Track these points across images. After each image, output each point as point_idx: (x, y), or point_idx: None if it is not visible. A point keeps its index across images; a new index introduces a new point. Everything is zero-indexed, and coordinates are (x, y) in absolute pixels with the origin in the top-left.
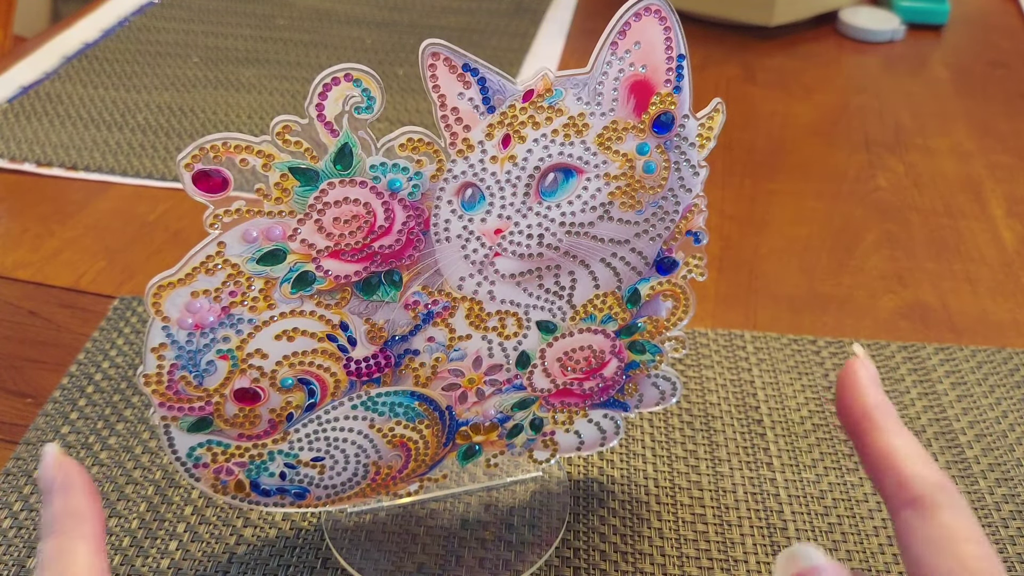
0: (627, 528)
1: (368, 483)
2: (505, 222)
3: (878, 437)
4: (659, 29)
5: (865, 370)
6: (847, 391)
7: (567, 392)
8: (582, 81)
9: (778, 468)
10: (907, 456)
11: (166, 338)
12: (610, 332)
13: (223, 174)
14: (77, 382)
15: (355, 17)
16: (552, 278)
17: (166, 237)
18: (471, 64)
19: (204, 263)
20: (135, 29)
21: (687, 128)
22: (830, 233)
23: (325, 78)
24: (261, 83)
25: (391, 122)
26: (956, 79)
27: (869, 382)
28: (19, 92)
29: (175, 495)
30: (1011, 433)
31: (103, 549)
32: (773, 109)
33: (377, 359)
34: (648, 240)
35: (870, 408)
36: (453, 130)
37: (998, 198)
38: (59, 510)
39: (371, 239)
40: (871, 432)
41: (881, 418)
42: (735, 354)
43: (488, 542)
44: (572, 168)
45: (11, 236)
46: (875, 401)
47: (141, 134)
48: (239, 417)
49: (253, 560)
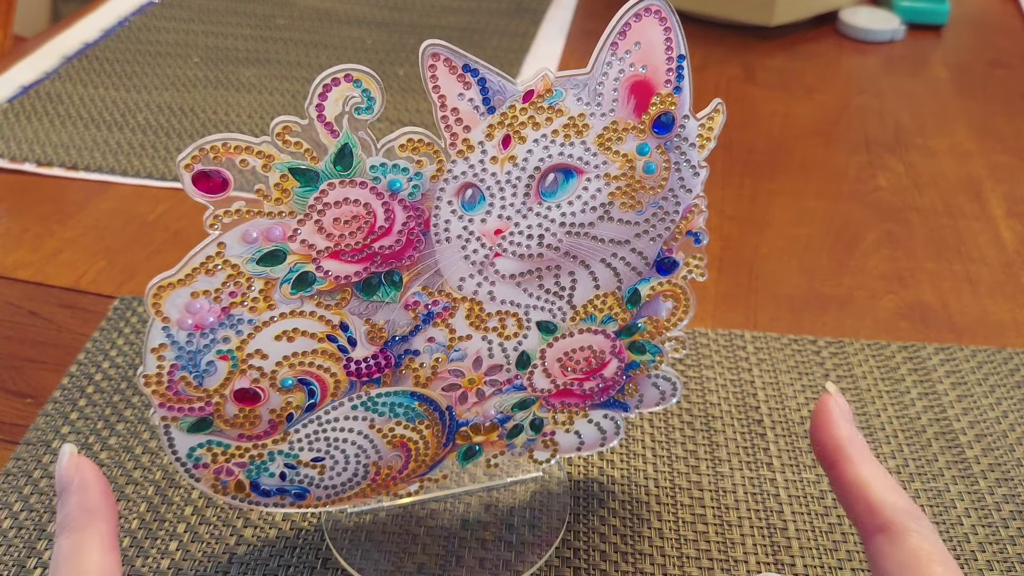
0: (627, 528)
1: (368, 483)
2: (505, 223)
3: (849, 468)
4: (659, 29)
5: (837, 406)
6: (821, 426)
7: (567, 392)
8: (582, 82)
9: (778, 468)
10: (878, 485)
11: (166, 339)
12: (610, 332)
13: (223, 175)
14: (77, 382)
15: (355, 17)
16: (552, 278)
17: (166, 237)
18: (471, 65)
19: (204, 264)
20: (135, 29)
21: (687, 128)
22: (830, 233)
23: (325, 79)
24: (261, 83)
25: (391, 122)
26: (956, 79)
27: (841, 417)
28: (19, 92)
29: (175, 495)
30: (1011, 433)
31: (116, 547)
32: (773, 109)
33: (377, 359)
34: (648, 240)
35: (843, 441)
36: (453, 131)
37: (998, 198)
38: (75, 508)
39: (371, 240)
40: (843, 463)
41: (853, 450)
42: (735, 354)
43: (488, 542)
44: (572, 168)
45: (11, 236)
46: (847, 435)
47: (141, 134)
48: (239, 417)
49: (253, 560)
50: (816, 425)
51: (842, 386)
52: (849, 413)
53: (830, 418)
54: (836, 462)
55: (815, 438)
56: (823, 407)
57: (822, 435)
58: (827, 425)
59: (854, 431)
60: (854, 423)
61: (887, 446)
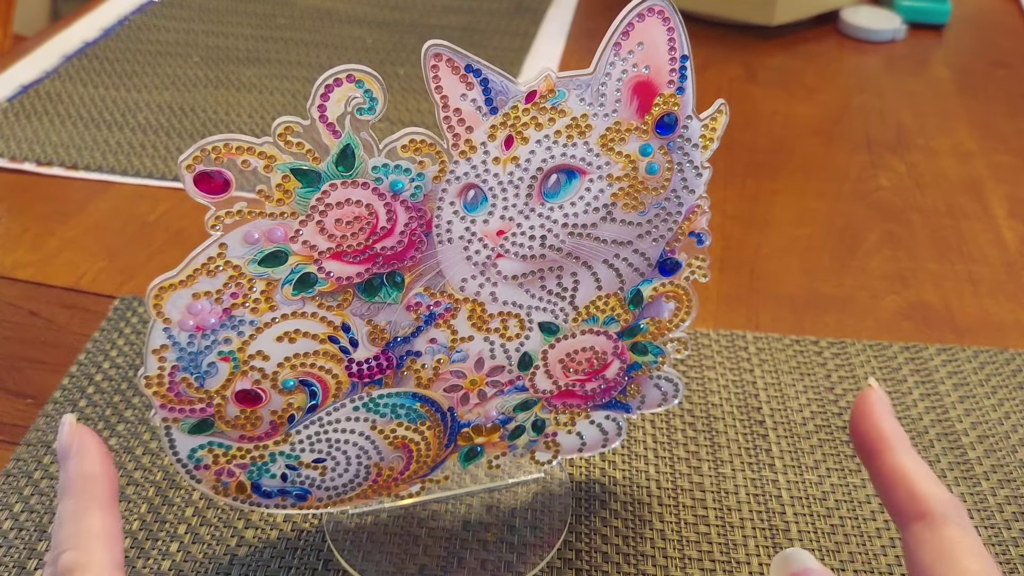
0: (629, 530)
1: (370, 484)
2: (507, 223)
3: (891, 457)
4: (662, 30)
5: (880, 400)
6: (863, 417)
7: (569, 393)
8: (585, 82)
9: (780, 469)
10: (920, 475)
11: (167, 340)
12: (612, 333)
13: (224, 175)
14: (77, 383)
15: (356, 17)
16: (554, 279)
17: (167, 237)
18: (473, 65)
19: (205, 265)
20: (135, 28)
21: (690, 129)
22: (832, 233)
23: (327, 79)
24: (262, 83)
25: (393, 122)
26: (957, 79)
27: (884, 409)
28: (19, 91)
29: (176, 496)
30: (1014, 435)
31: (116, 509)
32: (774, 109)
33: (379, 360)
34: (651, 241)
35: (886, 432)
36: (455, 131)
37: (1000, 198)
38: (74, 473)
39: (373, 240)
40: (885, 452)
41: (896, 441)
42: (737, 355)
43: (490, 543)
44: (575, 169)
45: (11, 236)
46: (890, 426)
47: (141, 134)
48: (240, 419)
49: (254, 561)
50: (858, 415)
51: (843, 387)
52: (890, 406)
53: (873, 409)
54: (879, 451)
55: (856, 428)
56: (866, 399)
57: (864, 425)
58: (870, 415)
59: (898, 426)
60: (894, 416)
61: None
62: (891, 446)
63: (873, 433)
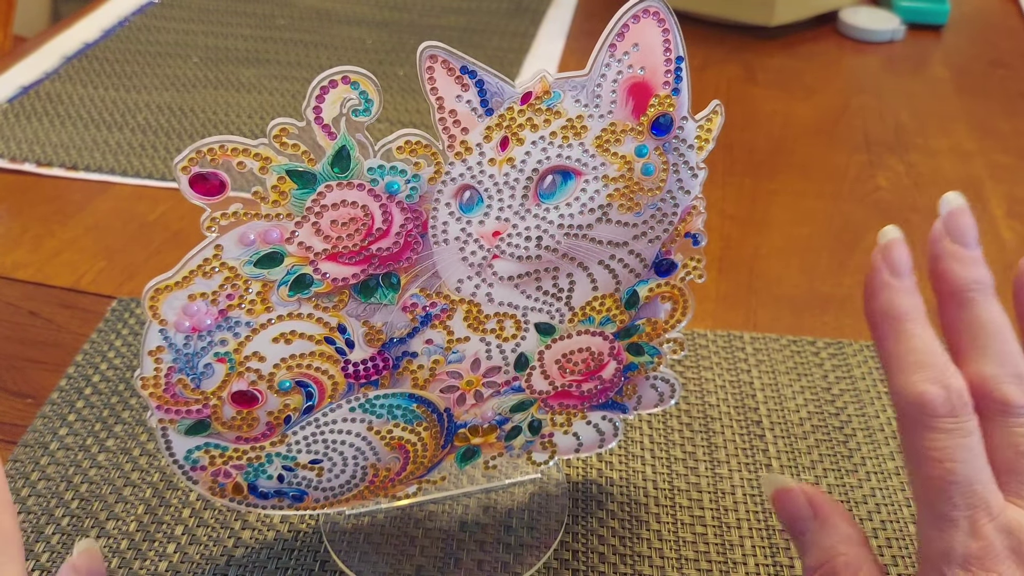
0: (626, 530)
1: (366, 485)
2: (503, 224)
3: None
4: (658, 31)
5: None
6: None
7: (565, 394)
8: (580, 83)
9: (777, 469)
10: None
11: (163, 341)
12: (608, 334)
13: (220, 177)
14: (75, 384)
15: (355, 17)
16: (550, 280)
17: (166, 237)
18: (469, 66)
19: (201, 266)
20: (135, 29)
21: (686, 130)
22: (830, 233)
23: (322, 81)
24: (261, 83)
25: (392, 123)
26: (956, 79)
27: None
28: (19, 92)
29: (173, 498)
30: None
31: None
32: (773, 109)
33: (375, 361)
34: (647, 242)
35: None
36: (451, 132)
37: (998, 198)
38: None
39: (369, 242)
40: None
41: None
42: (734, 355)
43: (486, 544)
44: (570, 170)
45: (11, 236)
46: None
47: (141, 134)
48: (237, 420)
49: (251, 563)
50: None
51: (841, 387)
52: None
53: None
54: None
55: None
56: (871, 278)
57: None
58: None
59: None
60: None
61: (886, 447)
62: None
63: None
